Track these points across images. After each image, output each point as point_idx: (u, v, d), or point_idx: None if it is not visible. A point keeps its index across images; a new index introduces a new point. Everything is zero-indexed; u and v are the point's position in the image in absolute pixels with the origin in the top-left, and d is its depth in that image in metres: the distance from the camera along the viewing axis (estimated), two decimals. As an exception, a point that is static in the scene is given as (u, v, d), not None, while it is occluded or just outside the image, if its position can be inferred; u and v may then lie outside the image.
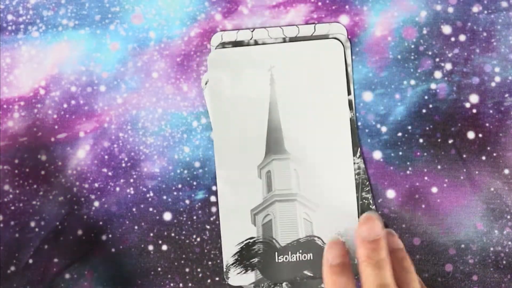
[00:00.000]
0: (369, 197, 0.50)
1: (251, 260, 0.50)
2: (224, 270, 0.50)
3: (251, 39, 0.50)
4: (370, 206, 0.50)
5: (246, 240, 0.50)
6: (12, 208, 0.51)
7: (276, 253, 0.50)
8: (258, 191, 0.50)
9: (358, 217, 0.49)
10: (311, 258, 0.49)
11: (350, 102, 0.50)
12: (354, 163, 0.50)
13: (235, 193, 0.50)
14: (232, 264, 0.50)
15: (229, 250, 0.50)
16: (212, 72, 0.50)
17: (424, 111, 0.50)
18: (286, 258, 0.50)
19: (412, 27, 0.50)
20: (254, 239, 0.50)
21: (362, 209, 0.50)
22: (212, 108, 0.50)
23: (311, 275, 0.50)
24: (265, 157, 0.50)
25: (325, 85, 0.50)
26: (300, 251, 0.50)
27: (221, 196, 0.50)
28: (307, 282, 0.50)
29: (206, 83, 0.50)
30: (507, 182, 0.50)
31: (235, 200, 0.50)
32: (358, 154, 0.50)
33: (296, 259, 0.50)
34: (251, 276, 0.50)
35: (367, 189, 0.50)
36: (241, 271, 0.50)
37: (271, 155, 0.50)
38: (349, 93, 0.50)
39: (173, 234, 0.51)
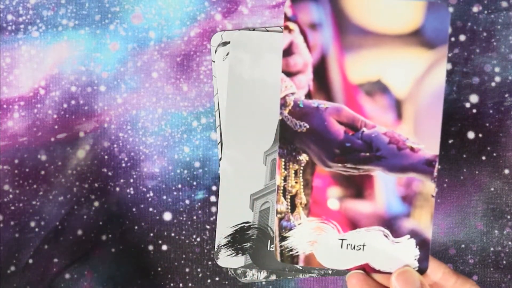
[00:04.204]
0: None
1: (243, 245, 0.50)
2: (215, 249, 0.50)
3: (251, 38, 0.50)
4: None
5: (241, 223, 0.50)
6: (12, 208, 0.51)
7: (269, 241, 0.50)
8: (261, 177, 0.50)
9: None
10: None
11: None
12: None
13: (238, 175, 0.50)
14: (224, 245, 0.50)
15: (223, 231, 0.50)
16: (234, 52, 0.50)
17: (424, 111, 0.50)
18: None
19: (412, 27, 0.50)
20: (250, 224, 0.50)
21: None
22: (229, 87, 0.50)
23: (300, 268, 0.50)
24: (273, 144, 0.50)
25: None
26: None
27: (223, 176, 0.50)
28: (294, 274, 0.50)
29: (225, 56, 0.50)
30: (507, 182, 0.50)
31: (236, 182, 0.50)
32: None
33: None
34: (240, 260, 0.50)
35: None
36: (232, 254, 0.50)
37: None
38: None
39: (173, 234, 0.51)
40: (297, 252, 0.41)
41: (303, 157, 0.40)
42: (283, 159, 0.40)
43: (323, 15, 0.38)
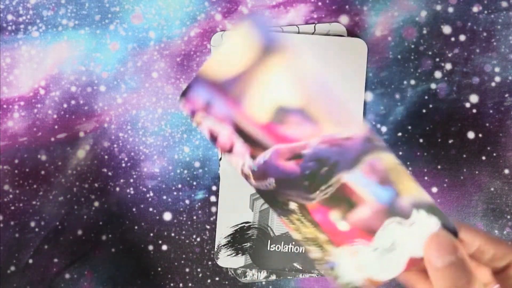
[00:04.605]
0: None
1: (243, 245, 0.50)
2: (215, 249, 0.50)
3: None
4: None
5: (241, 223, 0.50)
6: (12, 208, 0.51)
7: (269, 241, 0.50)
8: None
9: None
10: (303, 251, 0.50)
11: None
12: None
13: (238, 175, 0.50)
14: (224, 245, 0.50)
15: (223, 231, 0.50)
16: None
17: (424, 111, 0.50)
18: (278, 248, 0.50)
19: (412, 27, 0.50)
20: (250, 224, 0.50)
21: None
22: None
23: (300, 268, 0.50)
24: None
25: (344, 83, 0.50)
26: (293, 242, 0.50)
27: (223, 176, 0.50)
28: (294, 274, 0.50)
29: None
30: (507, 182, 0.50)
31: (236, 182, 0.50)
32: None
33: (288, 250, 0.50)
34: (240, 260, 0.50)
35: None
36: (232, 254, 0.50)
37: None
38: None
39: (173, 234, 0.51)
40: (356, 283, 0.41)
41: (293, 205, 0.41)
42: (283, 217, 0.41)
43: (205, 93, 0.40)
